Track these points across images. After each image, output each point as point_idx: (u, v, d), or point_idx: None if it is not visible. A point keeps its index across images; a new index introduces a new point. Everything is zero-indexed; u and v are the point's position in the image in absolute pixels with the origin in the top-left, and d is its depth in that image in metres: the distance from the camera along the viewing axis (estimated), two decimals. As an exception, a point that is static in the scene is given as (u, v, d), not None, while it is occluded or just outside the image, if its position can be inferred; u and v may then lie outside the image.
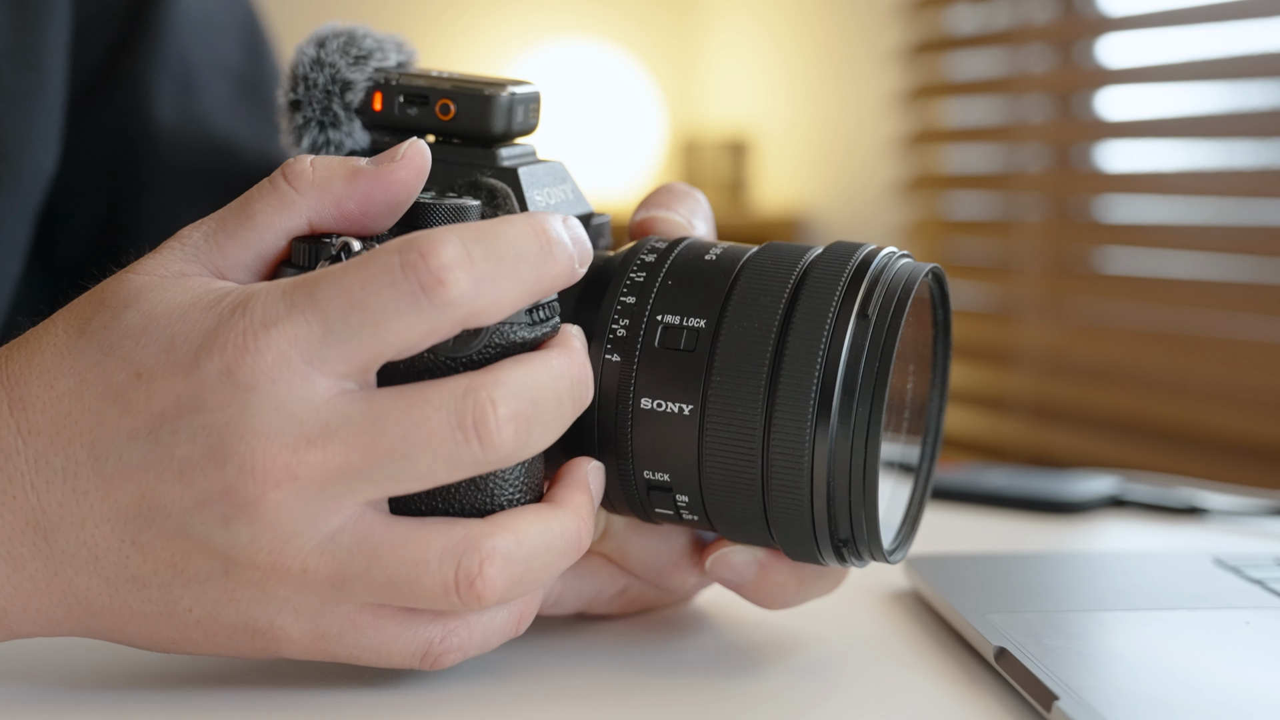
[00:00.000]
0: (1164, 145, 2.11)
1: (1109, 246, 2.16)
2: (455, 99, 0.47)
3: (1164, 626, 0.52)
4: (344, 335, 0.40)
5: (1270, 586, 0.56)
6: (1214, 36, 1.96)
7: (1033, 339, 2.15)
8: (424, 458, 0.40)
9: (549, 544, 0.43)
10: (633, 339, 0.46)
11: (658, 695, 0.46)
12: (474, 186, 0.47)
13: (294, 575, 0.41)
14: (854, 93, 2.57)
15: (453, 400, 0.41)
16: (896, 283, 0.46)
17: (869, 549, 0.46)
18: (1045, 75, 2.19)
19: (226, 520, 0.40)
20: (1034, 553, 0.66)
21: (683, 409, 0.45)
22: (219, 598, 0.41)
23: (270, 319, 0.40)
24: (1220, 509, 0.75)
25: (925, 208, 2.39)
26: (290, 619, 0.42)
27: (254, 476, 0.40)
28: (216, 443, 0.40)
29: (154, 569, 0.41)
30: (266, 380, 0.40)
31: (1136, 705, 0.43)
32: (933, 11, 2.36)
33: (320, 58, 0.48)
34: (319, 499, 0.40)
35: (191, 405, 0.40)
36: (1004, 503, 0.76)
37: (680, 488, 0.46)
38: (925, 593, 0.56)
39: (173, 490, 0.40)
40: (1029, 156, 2.22)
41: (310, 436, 0.40)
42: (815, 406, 0.44)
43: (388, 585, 0.41)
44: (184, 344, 0.41)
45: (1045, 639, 0.49)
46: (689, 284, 0.47)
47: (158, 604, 0.42)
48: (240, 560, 0.41)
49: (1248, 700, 0.45)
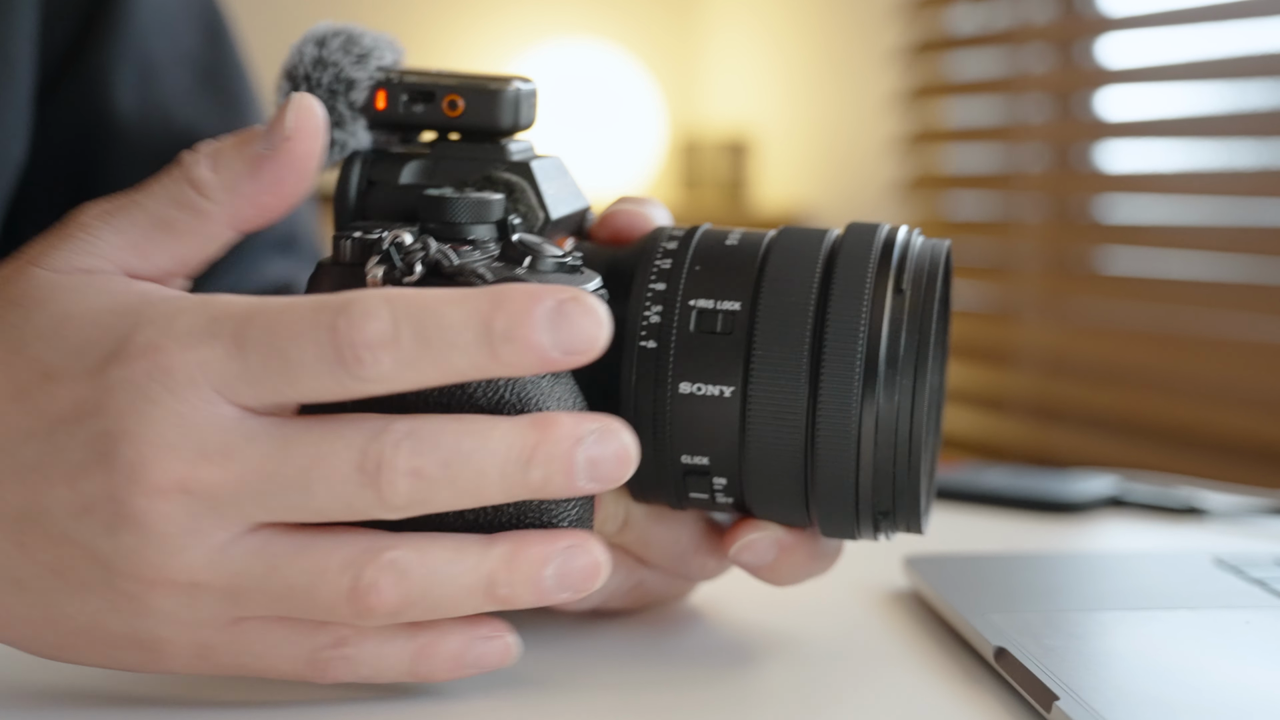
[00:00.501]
0: (1164, 145, 2.10)
1: (1109, 246, 2.16)
2: (463, 94, 0.47)
3: (1164, 626, 0.52)
4: (260, 380, 0.39)
5: (1270, 586, 0.56)
6: (1214, 36, 1.96)
7: (1033, 339, 2.15)
8: (321, 493, 0.39)
9: (455, 576, 0.41)
10: (667, 325, 0.46)
11: (656, 694, 0.46)
12: (489, 182, 0.47)
13: (181, 588, 0.40)
14: (854, 93, 2.57)
15: (363, 440, 0.39)
16: (924, 257, 0.47)
17: (906, 520, 0.47)
18: (1045, 75, 2.19)
19: (112, 528, 0.39)
20: (1034, 553, 0.66)
21: (723, 391, 0.46)
22: (101, 607, 0.40)
23: (189, 341, 0.39)
24: (1220, 509, 0.75)
25: (925, 208, 2.39)
26: (175, 631, 0.41)
27: (142, 486, 0.39)
28: (109, 449, 0.39)
29: (35, 573, 0.40)
30: (171, 398, 0.39)
31: (1136, 705, 0.43)
32: (933, 11, 2.36)
33: (323, 57, 0.47)
34: (208, 516, 0.39)
35: (91, 410, 0.39)
36: (1004, 503, 0.76)
37: (719, 470, 0.47)
38: (925, 593, 0.56)
39: (59, 492, 0.40)
40: (1029, 156, 2.22)
41: (210, 454, 0.39)
42: (861, 379, 0.45)
43: (285, 595, 0.40)
44: (96, 349, 0.40)
45: (1045, 639, 0.49)
46: (717, 268, 0.47)
47: (38, 609, 0.41)
48: (124, 570, 0.40)
49: (1248, 700, 0.44)
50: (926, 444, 0.47)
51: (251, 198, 0.43)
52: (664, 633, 0.52)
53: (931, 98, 2.38)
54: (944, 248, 0.48)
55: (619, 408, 0.46)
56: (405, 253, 0.42)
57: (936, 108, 2.39)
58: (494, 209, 0.45)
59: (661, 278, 0.47)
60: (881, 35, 2.46)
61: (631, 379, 0.46)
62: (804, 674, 0.49)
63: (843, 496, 0.46)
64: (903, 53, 2.38)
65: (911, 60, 2.38)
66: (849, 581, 0.56)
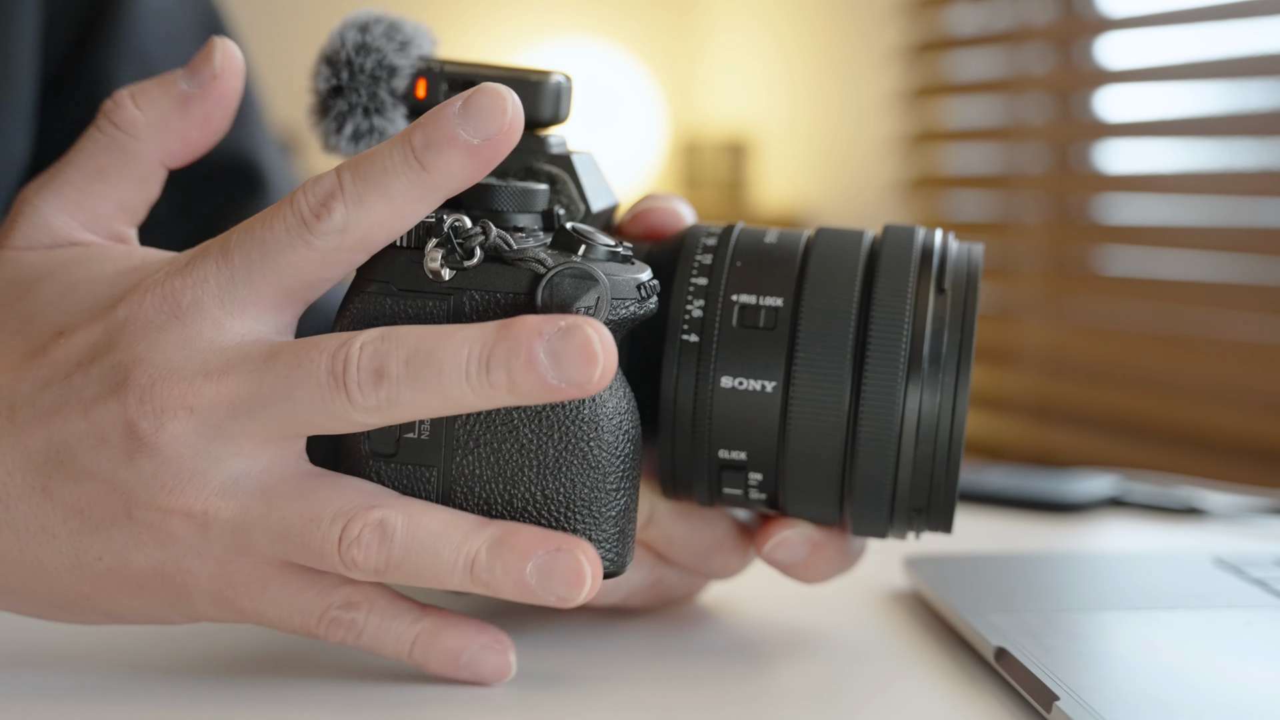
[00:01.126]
0: (1164, 145, 2.11)
1: (1109, 246, 2.16)
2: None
3: (1164, 626, 0.52)
4: (247, 273, 0.42)
5: (1270, 586, 0.56)
6: (1214, 36, 1.96)
7: (1033, 339, 2.15)
8: (302, 400, 0.41)
9: (439, 549, 0.42)
10: (710, 319, 0.47)
11: (657, 694, 0.46)
12: (531, 174, 0.48)
13: (196, 516, 0.41)
14: (854, 93, 2.57)
15: (335, 344, 0.41)
16: (961, 259, 0.47)
17: (939, 519, 0.47)
18: (1045, 75, 2.19)
19: (130, 455, 0.41)
20: (1034, 553, 0.66)
21: (765, 386, 0.46)
22: (126, 541, 0.42)
23: (187, 268, 0.42)
24: (1220, 509, 0.75)
25: (925, 208, 2.39)
26: (197, 563, 0.42)
27: (151, 407, 0.41)
28: (121, 377, 0.41)
29: (62, 516, 0.42)
30: (177, 323, 0.42)
31: (1136, 705, 0.43)
32: (933, 11, 2.36)
33: (366, 42, 0.48)
34: (218, 437, 0.41)
35: (104, 348, 0.42)
36: (1004, 503, 0.76)
37: (756, 465, 0.47)
38: (925, 593, 0.56)
39: (78, 427, 0.41)
40: (1029, 156, 2.22)
41: (209, 371, 0.41)
42: (904, 376, 0.45)
43: (281, 535, 0.41)
44: (108, 302, 0.43)
45: (1045, 639, 0.49)
46: (759, 265, 0.47)
47: (68, 555, 0.42)
48: (143, 500, 0.41)
49: (1248, 700, 0.44)
50: None
51: (180, 133, 0.46)
52: (665, 632, 0.52)
53: (931, 98, 2.38)
54: (979, 251, 0.48)
55: (659, 400, 0.47)
56: (465, 237, 0.42)
57: (936, 108, 2.39)
58: (539, 199, 0.45)
59: (703, 272, 0.47)
60: (881, 35, 2.46)
61: (674, 373, 0.47)
62: (804, 674, 0.49)
63: (880, 494, 0.46)
64: (903, 53, 2.38)
65: (911, 60, 2.38)
66: (849, 581, 0.56)
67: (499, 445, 0.43)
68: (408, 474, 0.43)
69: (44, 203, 0.45)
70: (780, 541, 0.49)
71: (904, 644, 0.52)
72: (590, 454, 0.43)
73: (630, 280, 0.43)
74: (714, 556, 0.51)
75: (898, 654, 0.51)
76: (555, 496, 0.43)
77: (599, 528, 0.44)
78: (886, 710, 0.47)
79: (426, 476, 0.43)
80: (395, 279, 0.43)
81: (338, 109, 0.48)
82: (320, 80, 0.48)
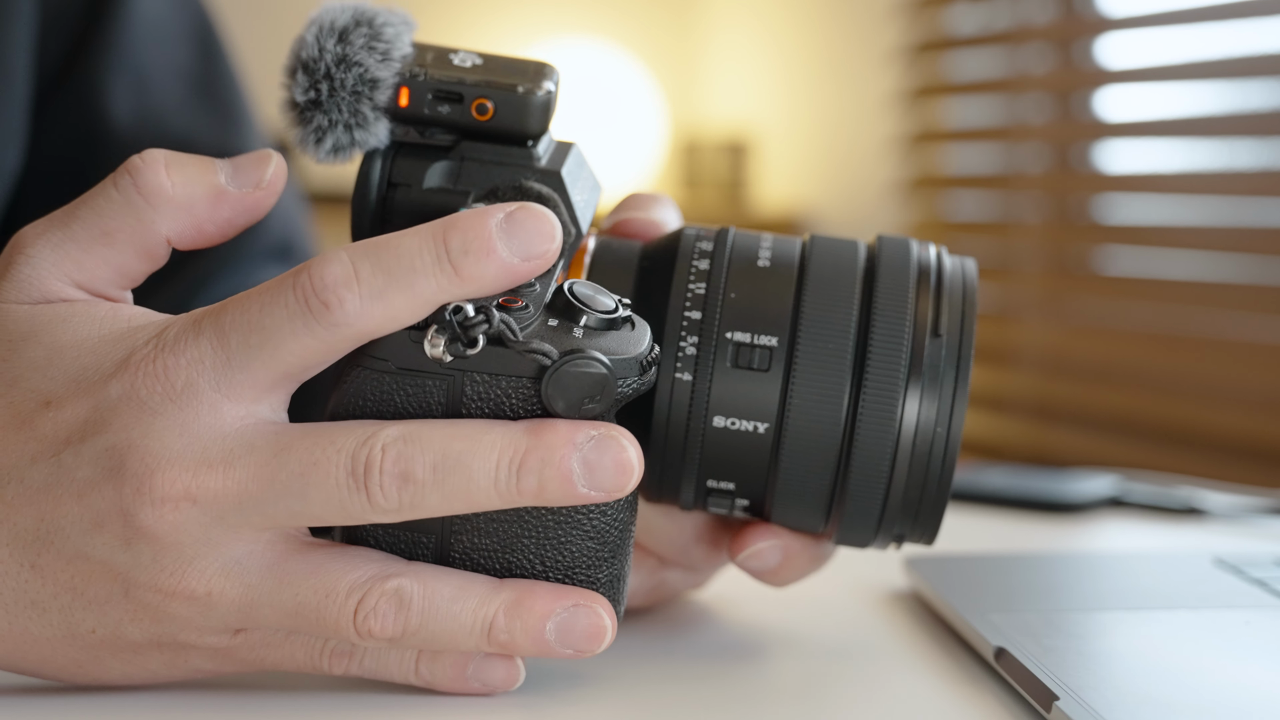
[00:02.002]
0: (1164, 145, 2.10)
1: (1109, 246, 2.16)
2: (494, 99, 0.46)
3: (1164, 626, 0.52)
4: (244, 358, 0.40)
5: (1270, 586, 0.56)
6: (1214, 36, 1.96)
7: (1033, 339, 2.15)
8: (317, 498, 0.40)
9: (456, 614, 0.41)
10: (704, 358, 0.46)
11: (656, 693, 0.46)
12: (520, 192, 0.46)
13: (199, 598, 0.40)
14: (854, 93, 2.57)
15: (354, 444, 0.40)
16: (957, 286, 0.47)
17: (924, 534, 0.48)
18: (1045, 75, 2.19)
19: (127, 541, 0.40)
20: (1034, 553, 0.66)
21: (757, 427, 0.46)
22: (121, 618, 0.41)
23: (180, 345, 0.40)
24: (1220, 509, 0.75)
25: (925, 208, 2.39)
26: (194, 636, 0.41)
27: (150, 497, 0.39)
28: (117, 463, 0.40)
29: (53, 592, 0.41)
30: (173, 406, 0.40)
31: (1136, 705, 0.43)
32: (933, 11, 2.36)
33: (347, 56, 0.45)
34: (217, 525, 0.40)
35: (96, 427, 0.40)
36: (1004, 503, 0.76)
37: (744, 493, 0.47)
38: (925, 593, 0.56)
39: (72, 510, 0.40)
40: (1029, 156, 2.22)
41: (212, 461, 0.40)
42: (900, 420, 0.45)
43: (294, 611, 0.41)
44: (93, 373, 0.41)
45: (1045, 639, 0.49)
46: (753, 297, 0.47)
47: (59, 628, 0.41)
48: (142, 582, 0.40)
49: (1248, 700, 0.44)
50: None
51: (198, 222, 0.44)
52: (665, 632, 0.52)
53: (931, 98, 2.38)
54: (973, 276, 0.48)
55: (650, 435, 0.46)
56: (468, 326, 0.41)
57: (936, 108, 2.39)
58: None
59: (696, 304, 0.47)
60: (881, 35, 2.46)
61: (666, 411, 0.46)
62: (805, 674, 0.49)
63: (867, 523, 0.47)
64: (903, 53, 2.38)
65: (911, 60, 2.38)
66: (849, 581, 0.56)
67: (497, 514, 0.43)
68: (406, 540, 0.43)
69: (41, 257, 0.43)
70: (754, 553, 0.49)
71: (904, 644, 0.52)
72: (591, 524, 0.43)
73: (633, 359, 0.42)
74: (693, 549, 0.52)
75: (898, 654, 0.51)
76: (554, 564, 0.43)
77: (596, 589, 0.43)
78: (886, 710, 0.46)
79: (424, 543, 0.43)
80: (394, 357, 0.41)
81: (317, 123, 0.45)
82: (297, 90, 0.45)
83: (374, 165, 0.46)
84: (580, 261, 0.48)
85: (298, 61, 0.45)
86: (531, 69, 0.47)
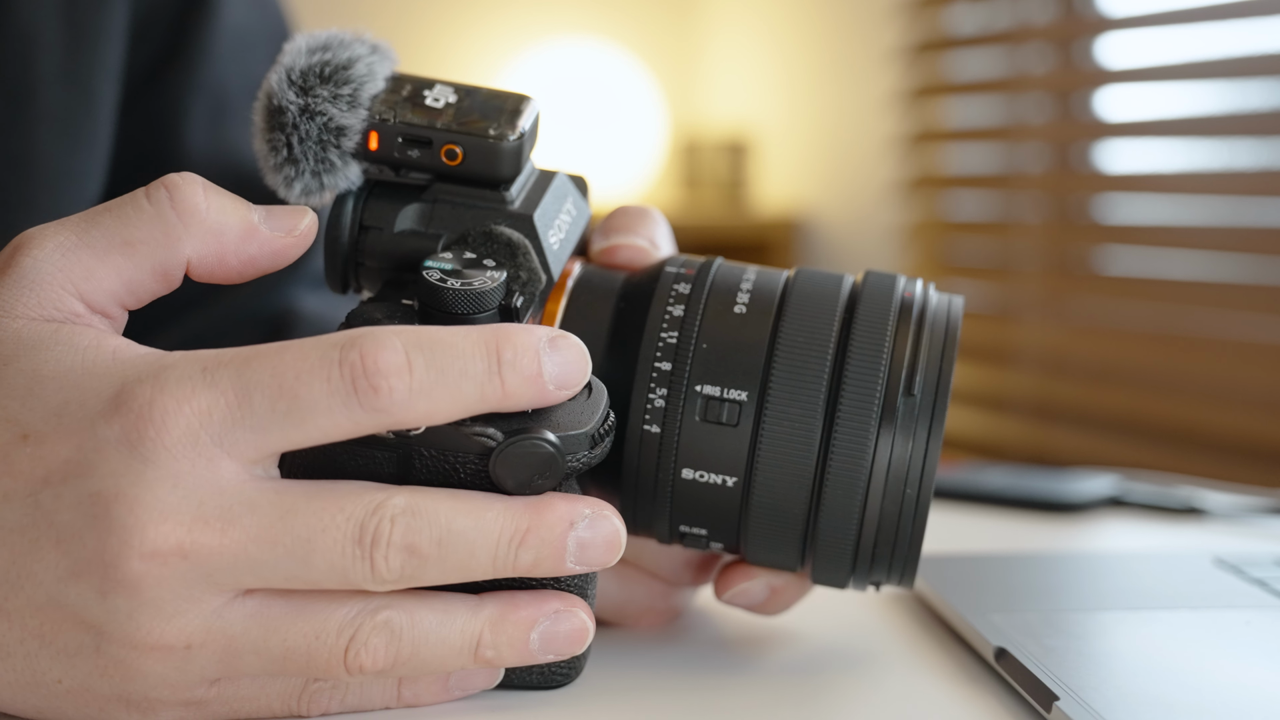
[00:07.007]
0: (1164, 145, 2.10)
1: (1109, 246, 2.16)
2: (463, 145, 0.45)
3: (1164, 626, 0.52)
4: (265, 422, 0.38)
5: (1270, 586, 0.56)
6: (1214, 36, 1.96)
7: (1033, 339, 2.15)
8: (320, 564, 0.39)
9: (444, 637, 0.41)
10: (673, 411, 0.46)
11: (656, 694, 0.46)
12: (489, 238, 0.45)
13: (176, 651, 0.39)
14: (854, 93, 2.57)
15: (363, 513, 0.39)
16: (938, 337, 0.46)
17: (901, 584, 0.48)
18: (1045, 75, 2.19)
19: (103, 593, 0.38)
20: (1034, 553, 0.66)
21: (726, 481, 0.46)
22: (90, 671, 0.39)
23: (184, 392, 0.38)
24: (1220, 509, 0.75)
25: (925, 208, 2.39)
26: (166, 692, 0.40)
27: (137, 550, 0.37)
28: (102, 512, 0.37)
29: (19, 638, 0.39)
30: (168, 456, 0.38)
31: (1136, 705, 0.43)
32: (933, 11, 2.36)
33: (310, 106, 0.44)
34: (203, 582, 0.38)
35: (80, 469, 0.38)
36: (1004, 503, 0.76)
37: (717, 537, 0.47)
38: (925, 593, 0.56)
39: (49, 556, 0.38)
40: (1029, 156, 2.22)
41: (208, 518, 0.38)
42: (864, 487, 0.45)
43: (282, 656, 0.40)
44: (79, 409, 0.39)
45: (1045, 639, 0.49)
46: (725, 350, 0.46)
47: (22, 674, 0.39)
48: (114, 636, 0.38)
49: (1248, 700, 0.45)
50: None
51: (222, 251, 0.43)
52: (665, 633, 0.53)
53: (931, 98, 2.38)
54: (957, 315, 0.47)
55: (620, 485, 0.46)
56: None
57: (936, 108, 2.39)
58: (492, 296, 0.43)
59: (667, 355, 0.46)
60: (881, 35, 2.46)
61: (635, 461, 0.46)
62: (805, 674, 0.49)
63: (839, 570, 0.47)
64: (903, 53, 2.38)
65: (911, 60, 2.38)
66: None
67: None
68: None
69: (51, 264, 0.41)
70: (740, 591, 0.50)
71: (904, 644, 0.52)
72: (560, 580, 0.43)
73: (583, 435, 0.41)
74: (685, 573, 0.52)
75: (898, 654, 0.51)
76: None
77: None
78: (887, 710, 0.47)
79: None
80: None
81: (286, 173, 0.45)
82: (263, 141, 0.45)
83: (344, 209, 0.46)
84: (562, 288, 0.48)
85: (267, 110, 0.45)
86: (509, 107, 0.46)
